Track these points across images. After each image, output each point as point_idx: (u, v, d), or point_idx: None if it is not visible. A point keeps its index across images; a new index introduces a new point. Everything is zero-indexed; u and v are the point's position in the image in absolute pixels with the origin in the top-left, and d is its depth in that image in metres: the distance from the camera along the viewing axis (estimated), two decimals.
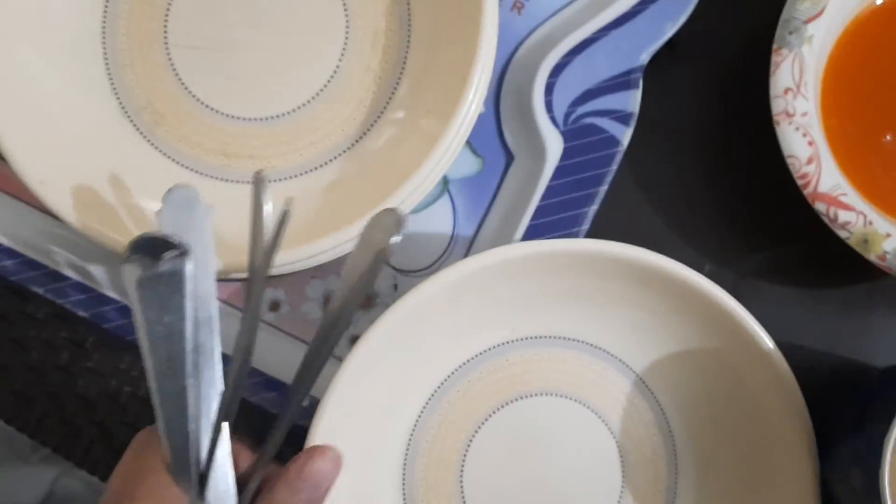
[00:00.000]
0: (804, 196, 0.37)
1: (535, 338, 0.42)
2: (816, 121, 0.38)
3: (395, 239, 0.33)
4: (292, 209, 0.34)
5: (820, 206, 0.37)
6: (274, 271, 0.39)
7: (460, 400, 0.42)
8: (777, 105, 0.38)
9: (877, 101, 0.40)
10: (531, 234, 0.42)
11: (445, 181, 0.43)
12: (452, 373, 0.42)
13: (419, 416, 0.42)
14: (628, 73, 0.42)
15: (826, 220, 0.37)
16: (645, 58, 0.42)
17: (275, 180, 0.41)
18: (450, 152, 0.38)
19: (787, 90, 0.38)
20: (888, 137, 0.40)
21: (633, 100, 0.42)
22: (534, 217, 0.42)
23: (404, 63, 0.41)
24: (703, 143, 0.44)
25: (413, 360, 0.41)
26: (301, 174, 0.41)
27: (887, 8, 0.41)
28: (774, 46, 0.38)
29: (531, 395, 0.41)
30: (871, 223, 0.37)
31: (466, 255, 0.43)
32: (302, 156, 0.41)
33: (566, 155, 0.42)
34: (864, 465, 0.33)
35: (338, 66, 0.41)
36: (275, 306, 0.44)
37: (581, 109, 0.42)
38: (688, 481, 0.41)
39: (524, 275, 0.39)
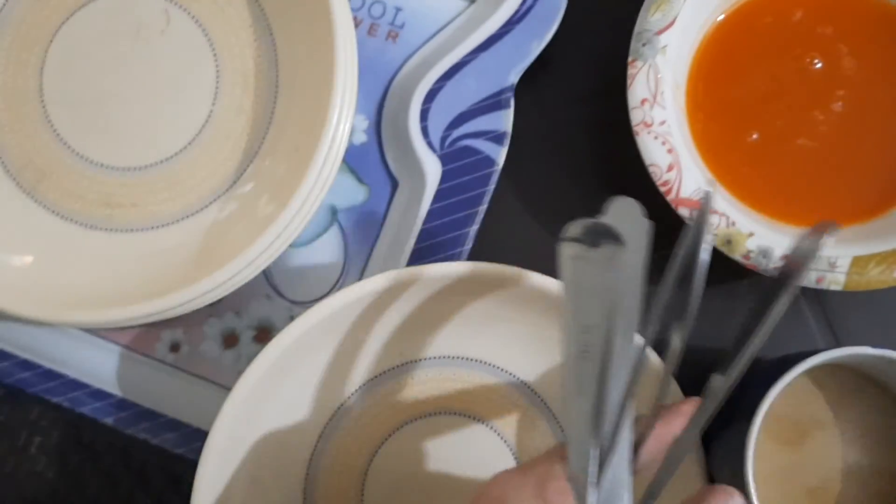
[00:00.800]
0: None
1: (426, 360, 0.42)
2: (678, 128, 0.39)
3: None
4: None
5: (683, 211, 0.38)
6: (164, 315, 0.39)
7: (354, 427, 0.42)
8: (635, 116, 0.39)
9: (740, 102, 0.41)
10: (416, 257, 0.43)
11: (334, 211, 0.44)
12: (344, 402, 0.42)
13: (315, 446, 0.42)
14: (499, 93, 0.43)
15: (690, 224, 0.38)
16: (514, 77, 0.43)
17: (156, 227, 0.41)
18: (322, 179, 0.39)
19: (643, 100, 0.39)
20: (755, 136, 0.41)
21: (505, 119, 0.43)
22: (418, 240, 0.43)
23: (274, 103, 0.41)
24: (578, 155, 0.45)
25: (302, 392, 0.41)
26: (183, 219, 0.42)
27: (742, 12, 0.42)
28: (629, 59, 0.39)
29: (426, 416, 0.42)
30: (733, 223, 0.38)
31: (360, 280, 0.44)
32: (183, 201, 0.42)
33: (445, 178, 0.43)
34: (731, 462, 0.34)
35: (211, 111, 0.42)
36: (175, 347, 0.44)
37: (456, 132, 0.43)
38: None
39: (403, 301, 0.40)
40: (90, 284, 0.40)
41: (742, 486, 0.33)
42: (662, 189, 0.38)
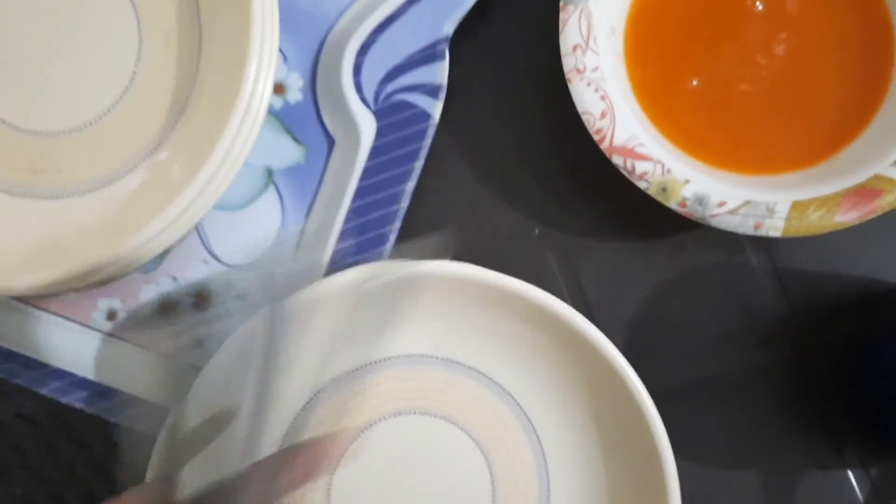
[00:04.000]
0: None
1: (402, 357, 0.41)
2: (613, 74, 0.38)
3: None
4: None
5: (617, 160, 0.37)
6: (86, 281, 0.38)
7: (328, 417, 0.41)
8: (568, 63, 0.37)
9: (680, 48, 0.40)
10: (353, 216, 0.42)
11: (270, 172, 0.43)
12: (320, 389, 0.41)
13: (285, 433, 0.41)
14: (433, 45, 0.42)
15: (625, 173, 0.37)
16: (448, 28, 0.42)
17: (83, 192, 0.40)
18: (242, 136, 0.37)
19: (575, 46, 0.37)
20: (694, 82, 0.40)
21: (439, 71, 0.42)
22: (354, 199, 0.42)
23: (198, 62, 0.40)
24: (518, 107, 0.43)
25: (275, 376, 0.40)
26: (109, 183, 0.40)
27: None
28: (561, 3, 0.38)
29: (398, 414, 0.41)
30: (668, 171, 0.37)
31: (298, 245, 0.43)
32: (109, 165, 0.41)
33: (380, 134, 0.42)
34: None
35: (134, 71, 0.40)
36: (112, 315, 0.43)
37: (390, 87, 0.42)
38: (560, 498, 0.41)
39: (375, 300, 0.39)
40: (16, 251, 0.39)
41: None
42: (596, 137, 0.37)
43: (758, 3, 0.40)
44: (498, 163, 0.43)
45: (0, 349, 0.43)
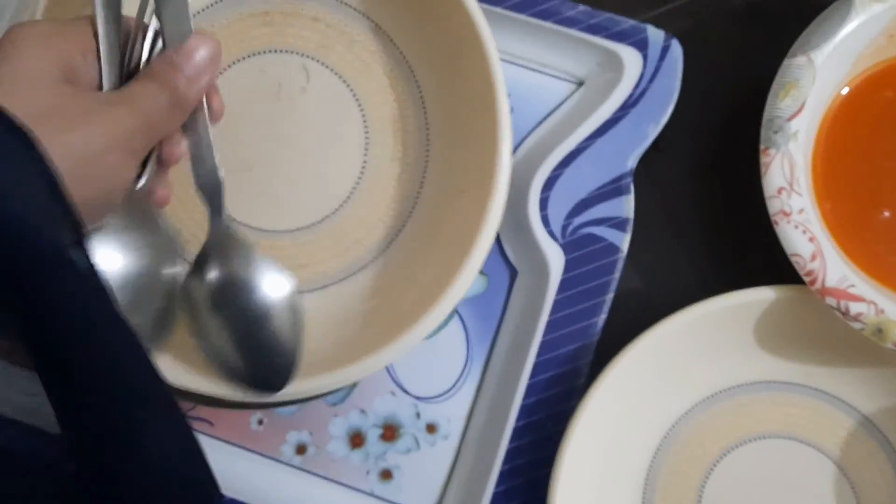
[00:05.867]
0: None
1: (772, 382, 0.42)
2: (814, 213, 0.39)
3: None
4: None
5: (830, 301, 0.38)
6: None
7: (684, 448, 0.43)
8: (773, 205, 0.38)
9: (868, 179, 0.41)
10: (545, 349, 0.42)
11: None
12: (674, 423, 0.43)
13: (658, 448, 0.43)
14: (618, 179, 0.43)
15: (838, 314, 0.37)
16: (632, 162, 0.43)
17: (323, 287, 0.41)
18: (494, 226, 0.39)
19: (780, 189, 0.38)
20: (886, 213, 0.41)
21: (626, 205, 0.42)
22: (545, 333, 0.42)
23: (428, 146, 0.41)
24: (698, 233, 0.44)
25: (632, 412, 0.42)
26: (348, 276, 0.41)
27: (861, 88, 0.41)
28: (762, 147, 0.39)
29: (756, 439, 0.42)
30: (882, 311, 0.37)
31: (483, 374, 0.44)
32: (346, 257, 0.41)
33: (568, 267, 0.42)
34: None
35: (365, 161, 0.41)
36: (301, 449, 0.44)
37: (577, 220, 0.43)
38: None
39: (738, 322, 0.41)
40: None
41: None
42: (807, 279, 0.38)
43: None
44: (681, 289, 0.43)
45: None
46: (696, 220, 0.44)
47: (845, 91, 0.41)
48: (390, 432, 0.44)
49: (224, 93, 0.31)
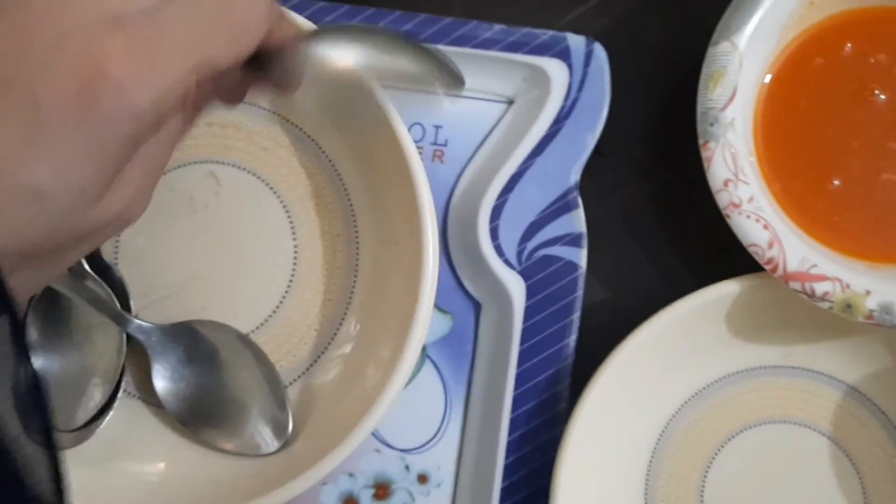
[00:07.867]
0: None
1: (755, 368, 0.42)
2: (765, 198, 0.38)
3: None
4: None
5: (795, 286, 0.37)
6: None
7: (684, 440, 0.42)
8: (722, 199, 0.37)
9: (813, 151, 0.40)
10: (522, 380, 0.41)
11: (423, 348, 0.43)
12: (674, 414, 0.42)
13: (652, 457, 0.42)
14: (564, 195, 0.42)
15: (805, 298, 0.37)
16: (575, 176, 0.42)
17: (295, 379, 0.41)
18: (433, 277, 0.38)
19: (727, 181, 0.37)
20: (836, 182, 0.40)
21: (577, 220, 0.42)
22: (519, 363, 0.41)
23: (353, 211, 0.41)
24: (654, 233, 0.43)
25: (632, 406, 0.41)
26: (313, 364, 0.41)
27: (792, 58, 0.40)
28: (700, 141, 0.38)
29: (760, 424, 0.42)
30: (848, 286, 0.37)
31: (465, 414, 0.43)
32: (303, 347, 0.41)
33: (530, 292, 0.42)
34: None
35: (295, 245, 0.41)
36: None
37: (531, 244, 0.42)
38: None
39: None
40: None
41: None
42: (767, 268, 0.37)
43: (878, 92, 0.40)
44: (643, 295, 0.43)
45: None
46: (653, 221, 0.43)
47: (775, 68, 0.40)
48: (383, 490, 0.43)
49: (140, 223, 0.29)
